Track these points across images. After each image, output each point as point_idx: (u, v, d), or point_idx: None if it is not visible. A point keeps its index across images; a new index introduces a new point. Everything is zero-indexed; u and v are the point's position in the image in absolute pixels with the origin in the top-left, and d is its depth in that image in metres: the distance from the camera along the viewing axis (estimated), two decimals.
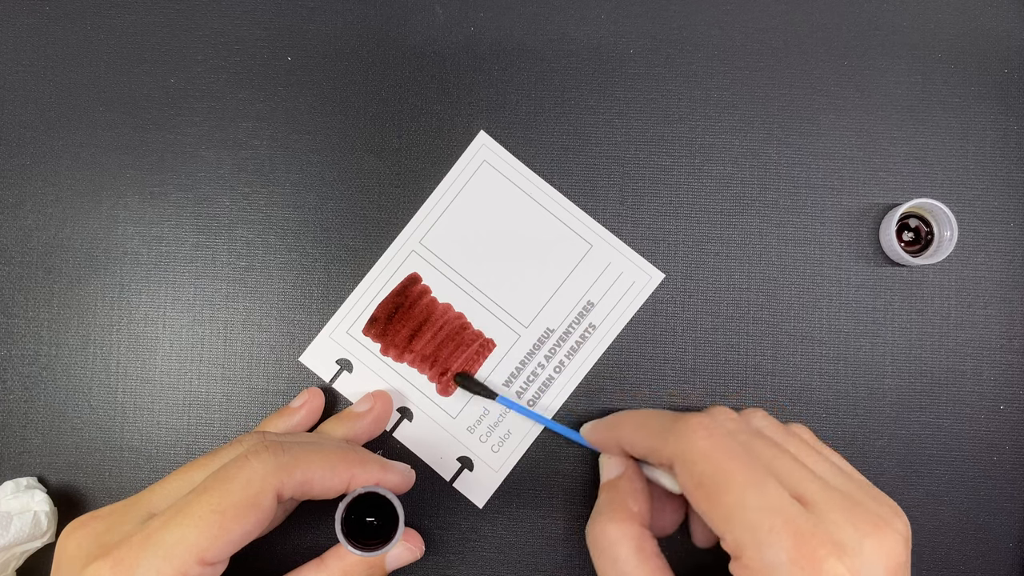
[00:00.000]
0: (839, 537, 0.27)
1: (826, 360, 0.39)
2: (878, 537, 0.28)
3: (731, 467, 0.29)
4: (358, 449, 0.34)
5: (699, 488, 0.29)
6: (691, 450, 0.30)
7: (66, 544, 0.30)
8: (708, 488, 0.29)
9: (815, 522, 0.27)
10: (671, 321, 0.39)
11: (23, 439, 0.38)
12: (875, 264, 0.39)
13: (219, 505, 0.28)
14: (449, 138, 0.39)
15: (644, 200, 0.39)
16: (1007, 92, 0.40)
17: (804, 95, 0.40)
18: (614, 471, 0.35)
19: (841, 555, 0.27)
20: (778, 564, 0.27)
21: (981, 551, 0.39)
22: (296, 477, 0.30)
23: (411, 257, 0.39)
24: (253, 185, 0.39)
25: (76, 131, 0.39)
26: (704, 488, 0.29)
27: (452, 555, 0.38)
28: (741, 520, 0.28)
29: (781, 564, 0.27)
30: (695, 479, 0.29)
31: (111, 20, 0.40)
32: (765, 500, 0.28)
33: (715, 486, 0.29)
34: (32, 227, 0.39)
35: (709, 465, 0.29)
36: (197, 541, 0.28)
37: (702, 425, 0.30)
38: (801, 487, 0.29)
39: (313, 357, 0.39)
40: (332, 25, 0.40)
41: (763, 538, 0.27)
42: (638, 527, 0.32)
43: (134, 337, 0.39)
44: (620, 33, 0.40)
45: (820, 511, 0.28)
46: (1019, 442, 0.39)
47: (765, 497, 0.28)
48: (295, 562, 0.38)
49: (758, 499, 0.28)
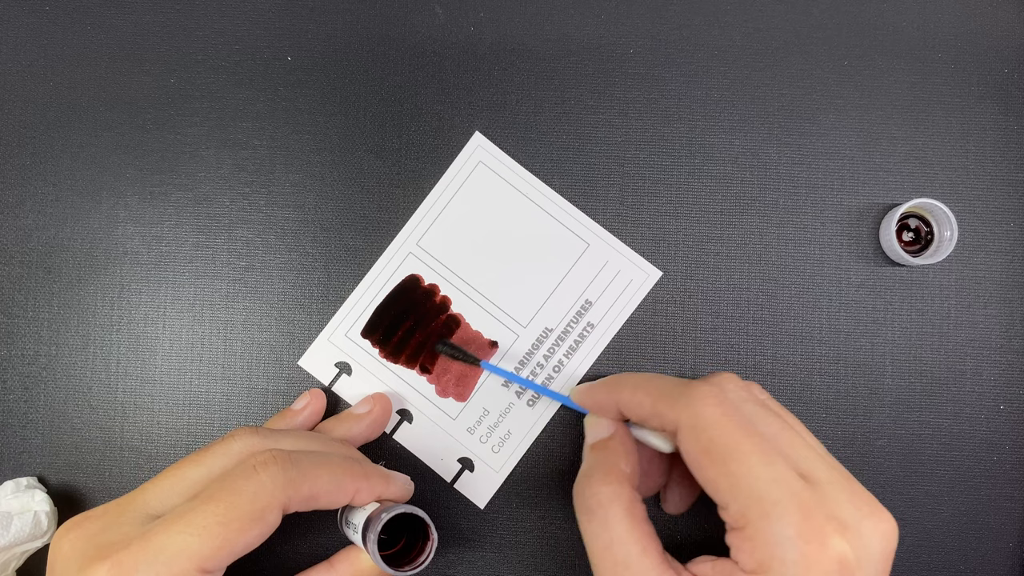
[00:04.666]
0: (841, 515, 0.27)
1: (826, 360, 0.39)
2: (876, 519, 0.28)
3: (740, 437, 0.29)
4: (362, 461, 0.34)
5: (706, 455, 0.29)
6: (701, 416, 0.29)
7: (61, 545, 0.29)
8: (715, 456, 0.29)
9: (819, 498, 0.28)
10: (671, 321, 0.39)
11: (23, 439, 0.38)
12: (875, 264, 0.39)
13: (225, 516, 0.28)
14: (449, 138, 0.39)
15: (644, 200, 0.39)
16: (1007, 92, 0.40)
17: (804, 95, 0.40)
18: (604, 431, 0.34)
19: (844, 532, 0.27)
20: (784, 537, 0.27)
21: (981, 551, 0.39)
22: (303, 492, 0.30)
23: (408, 259, 0.39)
24: (253, 185, 0.39)
25: (76, 131, 0.39)
26: (711, 455, 0.29)
27: (453, 556, 0.38)
28: (748, 490, 0.28)
29: (788, 537, 0.27)
30: (702, 445, 0.29)
31: (111, 20, 0.40)
32: (773, 472, 0.28)
33: (723, 454, 0.29)
34: (32, 227, 0.39)
35: (717, 432, 0.29)
36: (199, 550, 0.27)
37: (712, 393, 0.30)
38: (805, 463, 0.29)
39: (312, 360, 0.39)
40: (332, 25, 0.40)
41: (770, 510, 0.27)
42: (630, 489, 0.32)
43: (134, 337, 0.39)
44: (620, 33, 0.40)
45: (822, 488, 0.28)
46: (1019, 442, 0.39)
47: (773, 469, 0.28)
48: (295, 563, 0.38)
49: (767, 471, 0.28)
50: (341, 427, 0.36)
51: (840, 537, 0.27)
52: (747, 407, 0.30)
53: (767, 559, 0.27)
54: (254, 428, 0.32)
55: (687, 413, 0.30)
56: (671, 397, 0.31)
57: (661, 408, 0.31)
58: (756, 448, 0.28)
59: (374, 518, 0.31)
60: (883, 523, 0.28)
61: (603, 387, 0.35)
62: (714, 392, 0.30)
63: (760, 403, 0.31)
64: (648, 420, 0.32)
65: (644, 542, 0.30)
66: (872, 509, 0.28)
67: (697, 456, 0.30)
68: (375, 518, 0.31)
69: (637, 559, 0.30)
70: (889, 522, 0.28)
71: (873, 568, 0.27)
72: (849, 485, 0.29)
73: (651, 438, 0.33)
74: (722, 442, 0.29)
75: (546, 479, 0.38)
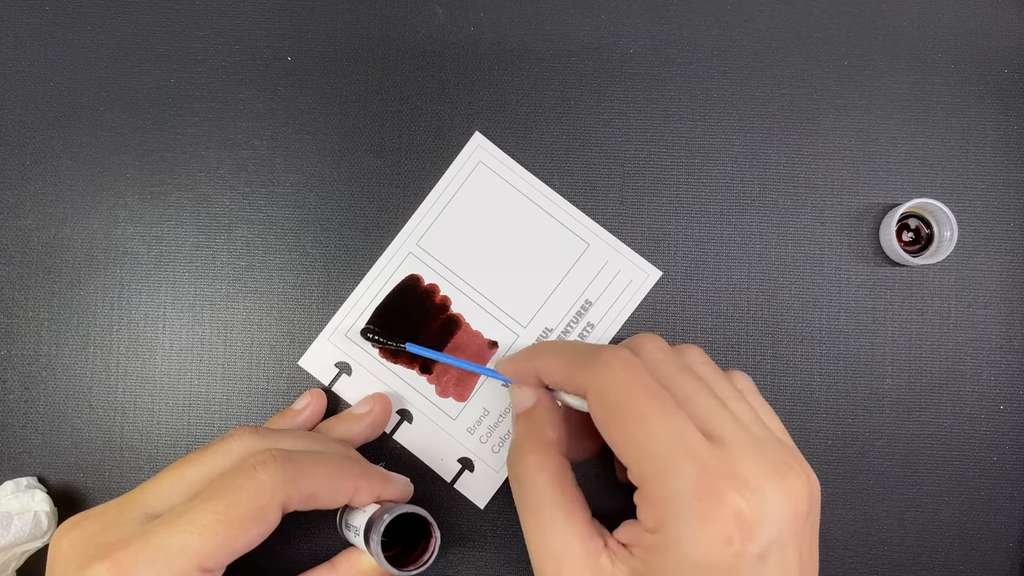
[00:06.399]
0: (742, 473, 0.27)
1: (826, 360, 0.39)
2: (781, 480, 0.28)
3: (641, 399, 0.29)
4: (361, 461, 0.34)
5: (608, 418, 0.29)
6: (606, 380, 0.30)
7: (60, 544, 0.29)
8: (616, 418, 0.29)
9: (720, 457, 0.27)
10: (671, 321, 0.39)
11: (23, 439, 0.38)
12: (875, 264, 0.39)
13: (224, 515, 0.28)
14: (449, 138, 0.39)
15: (644, 200, 0.39)
16: (1007, 92, 0.40)
17: (804, 95, 0.40)
18: (527, 401, 0.34)
19: (742, 489, 0.27)
20: (679, 495, 0.27)
21: (981, 551, 0.39)
22: (302, 491, 0.30)
23: (408, 259, 0.39)
24: (253, 185, 0.39)
25: (76, 131, 0.39)
26: (612, 418, 0.29)
27: (453, 556, 0.38)
28: (646, 450, 0.28)
29: (682, 496, 0.27)
30: (606, 408, 0.29)
31: (111, 20, 0.40)
32: (671, 431, 0.28)
33: (623, 416, 0.29)
34: (32, 227, 0.39)
35: (621, 395, 0.29)
36: (200, 549, 0.27)
37: (619, 357, 0.30)
38: (713, 424, 0.28)
39: (312, 361, 0.39)
40: (332, 25, 0.40)
41: (666, 467, 0.27)
42: (557, 456, 0.32)
43: (134, 337, 0.39)
44: (620, 33, 0.40)
45: (727, 448, 0.28)
46: (1019, 442, 0.39)
47: (671, 428, 0.28)
48: (295, 563, 0.38)
49: (664, 430, 0.28)
50: (341, 427, 0.36)
51: (737, 494, 0.26)
52: (661, 368, 0.30)
53: (663, 516, 0.27)
54: (253, 428, 0.33)
55: (594, 377, 0.30)
56: (581, 361, 0.31)
57: (572, 373, 0.31)
58: (657, 408, 0.28)
59: (376, 519, 0.31)
60: (791, 484, 0.28)
61: (522, 356, 0.35)
62: (622, 356, 0.30)
63: (679, 365, 0.31)
64: (563, 385, 0.32)
65: (570, 508, 0.30)
66: (778, 470, 0.28)
67: (602, 419, 0.30)
68: (377, 519, 0.31)
69: (563, 526, 0.30)
70: (798, 482, 0.28)
71: (776, 528, 0.27)
72: (758, 446, 0.28)
73: (571, 400, 0.33)
74: (624, 404, 0.29)
75: None
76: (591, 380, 0.30)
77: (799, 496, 0.28)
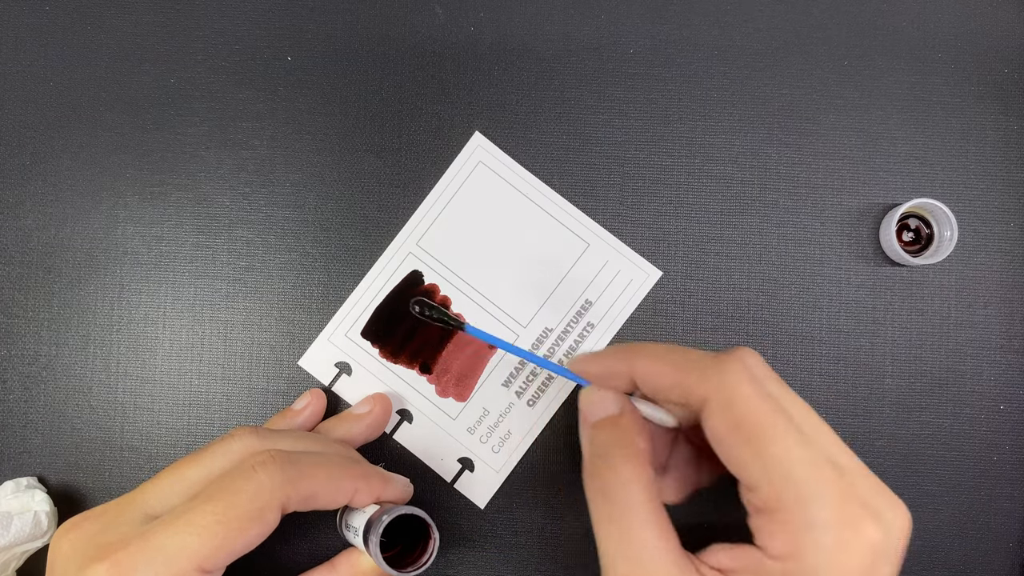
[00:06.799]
0: (872, 503, 0.27)
1: (826, 360, 0.39)
2: (898, 510, 0.28)
3: (774, 417, 0.27)
4: (361, 461, 0.34)
5: (736, 431, 0.27)
6: (735, 390, 0.28)
7: (60, 545, 0.29)
8: (746, 434, 0.27)
9: (849, 484, 0.27)
10: (671, 321, 0.39)
11: (23, 439, 0.38)
12: (875, 264, 0.39)
13: (224, 516, 0.28)
14: (449, 138, 0.39)
15: (644, 200, 0.39)
16: (1007, 92, 0.40)
17: (804, 95, 0.40)
18: (611, 407, 0.31)
19: (877, 520, 0.26)
20: (821, 522, 0.26)
21: (981, 551, 0.39)
22: (302, 491, 0.30)
23: (408, 259, 0.39)
24: (253, 185, 0.39)
25: (76, 131, 0.39)
26: (743, 432, 0.27)
27: (453, 556, 0.38)
28: (784, 472, 0.27)
29: (824, 522, 0.26)
30: (733, 422, 0.28)
31: (111, 20, 0.40)
32: (810, 455, 0.27)
33: (756, 433, 0.27)
34: (32, 227, 0.39)
35: (751, 410, 0.27)
36: (199, 549, 0.27)
37: (745, 368, 0.28)
38: (832, 448, 0.28)
39: (312, 361, 0.39)
40: (332, 25, 0.40)
41: (807, 493, 0.26)
42: (650, 469, 0.29)
43: (134, 337, 0.39)
44: (620, 33, 0.40)
45: (848, 475, 0.27)
46: (1019, 442, 0.39)
47: (810, 452, 0.27)
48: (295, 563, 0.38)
49: (803, 453, 0.27)
50: (341, 427, 0.36)
51: (873, 524, 0.26)
52: (771, 386, 0.28)
53: (801, 544, 0.26)
54: (253, 428, 0.32)
55: (721, 387, 0.28)
56: (699, 370, 0.29)
57: (687, 380, 0.29)
58: (790, 429, 0.27)
59: (375, 520, 0.31)
60: (902, 514, 0.28)
61: (614, 355, 0.32)
62: (749, 363, 0.29)
63: (782, 383, 0.29)
64: (667, 392, 0.30)
65: (664, 528, 0.28)
66: (893, 499, 0.28)
67: (726, 433, 0.28)
68: (376, 520, 0.31)
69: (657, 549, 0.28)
70: (907, 513, 0.28)
71: (895, 557, 0.27)
72: (870, 475, 0.28)
73: (656, 412, 0.31)
74: (755, 420, 0.27)
75: (546, 479, 0.38)
76: (717, 389, 0.28)
77: (908, 527, 0.28)
